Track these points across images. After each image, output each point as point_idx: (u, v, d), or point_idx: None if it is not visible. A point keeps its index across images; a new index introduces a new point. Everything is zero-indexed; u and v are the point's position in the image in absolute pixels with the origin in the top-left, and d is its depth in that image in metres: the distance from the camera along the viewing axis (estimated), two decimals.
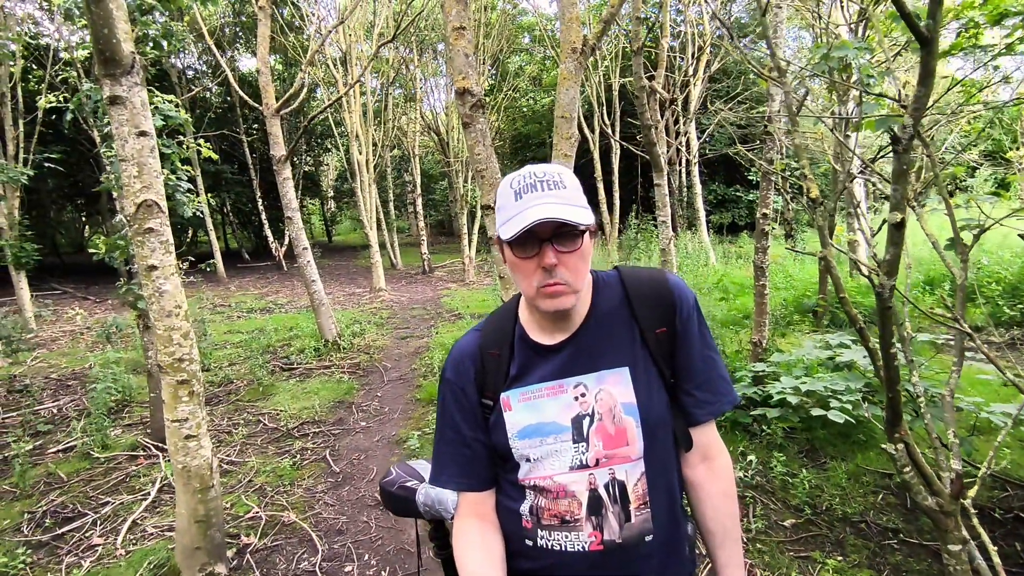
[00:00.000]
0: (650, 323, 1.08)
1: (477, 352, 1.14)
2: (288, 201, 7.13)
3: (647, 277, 1.12)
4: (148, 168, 2.59)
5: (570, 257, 1.00)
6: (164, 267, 2.64)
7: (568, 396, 1.06)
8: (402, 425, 4.83)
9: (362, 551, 3.10)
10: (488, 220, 2.90)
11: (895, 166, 1.12)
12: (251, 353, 7.10)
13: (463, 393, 1.13)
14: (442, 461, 1.15)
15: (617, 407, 1.05)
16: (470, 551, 1.09)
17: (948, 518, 1.36)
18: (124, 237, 4.36)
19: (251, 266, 18.73)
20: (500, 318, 1.17)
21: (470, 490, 1.14)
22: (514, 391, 1.09)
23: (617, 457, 1.05)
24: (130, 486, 3.91)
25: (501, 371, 1.10)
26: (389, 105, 15.26)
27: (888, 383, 1.29)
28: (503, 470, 1.14)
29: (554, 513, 1.06)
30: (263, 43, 6.82)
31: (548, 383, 1.08)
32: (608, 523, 1.04)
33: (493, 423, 1.11)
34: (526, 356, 1.11)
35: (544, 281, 1.00)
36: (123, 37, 2.50)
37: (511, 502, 1.12)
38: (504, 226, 1.01)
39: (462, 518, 1.14)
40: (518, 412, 1.08)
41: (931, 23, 1.08)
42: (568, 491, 1.05)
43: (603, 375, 1.06)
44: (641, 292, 1.10)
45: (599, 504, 1.04)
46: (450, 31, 2.79)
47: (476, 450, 1.12)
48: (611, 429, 1.05)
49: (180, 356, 2.69)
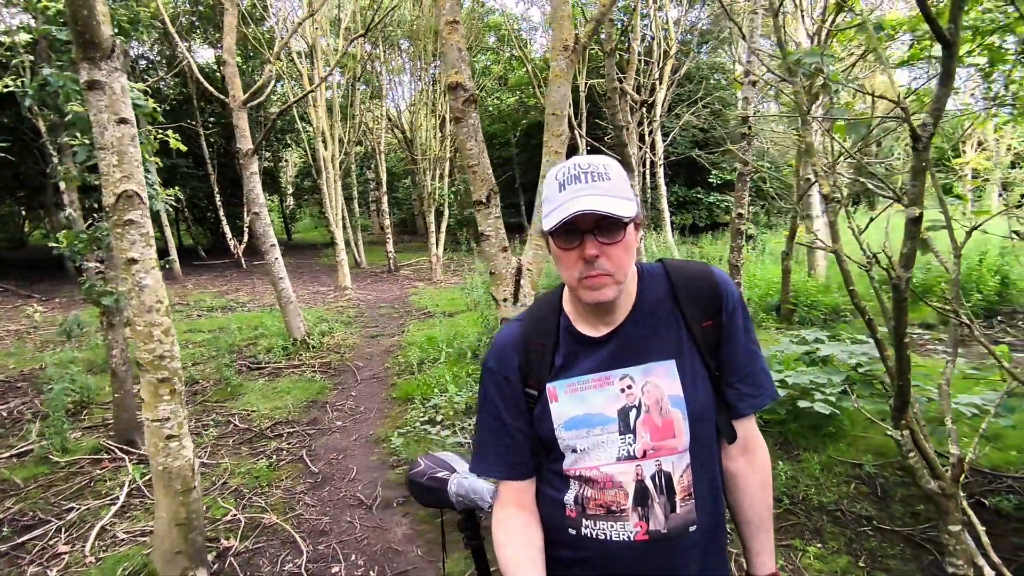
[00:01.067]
0: (696, 316, 1.08)
1: (521, 342, 1.13)
2: (255, 196, 6.94)
3: (693, 270, 1.13)
4: (128, 157, 2.48)
5: (612, 248, 1.00)
6: (145, 260, 2.54)
7: (614, 388, 1.07)
8: (379, 424, 4.77)
9: (348, 551, 3.05)
10: (480, 216, 2.89)
11: (914, 163, 1.17)
12: (216, 352, 6.88)
13: (506, 382, 1.12)
14: (484, 449, 1.15)
15: (664, 399, 1.06)
16: (511, 540, 1.09)
17: (949, 500, 1.43)
18: (93, 230, 4.17)
19: (208, 264, 18.12)
20: (544, 309, 1.17)
21: (511, 479, 1.14)
22: (560, 382, 1.09)
23: (664, 449, 1.05)
24: (96, 491, 3.73)
25: (546, 361, 1.10)
26: (356, 101, 15.01)
27: (899, 372, 1.36)
28: (547, 460, 1.14)
29: (600, 503, 1.06)
30: (229, 32, 6.62)
31: (595, 375, 1.08)
32: (654, 514, 1.04)
33: (539, 413, 1.10)
34: (571, 347, 1.11)
35: (586, 272, 1.00)
36: (102, 19, 2.39)
37: (554, 491, 1.12)
38: (547, 217, 1.01)
39: (502, 506, 1.14)
40: (564, 403, 1.08)
41: (952, 27, 1.13)
42: (615, 481, 1.05)
43: (650, 367, 1.07)
44: (687, 285, 1.10)
45: (645, 495, 1.05)
46: (443, 24, 2.77)
47: (518, 439, 1.12)
48: (658, 421, 1.06)
49: (161, 353, 2.59)
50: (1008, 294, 6.84)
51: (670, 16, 11.40)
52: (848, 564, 2.73)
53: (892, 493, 3.22)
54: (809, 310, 6.63)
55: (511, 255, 2.93)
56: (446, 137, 14.68)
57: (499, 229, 2.91)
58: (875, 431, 3.87)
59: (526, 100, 20.29)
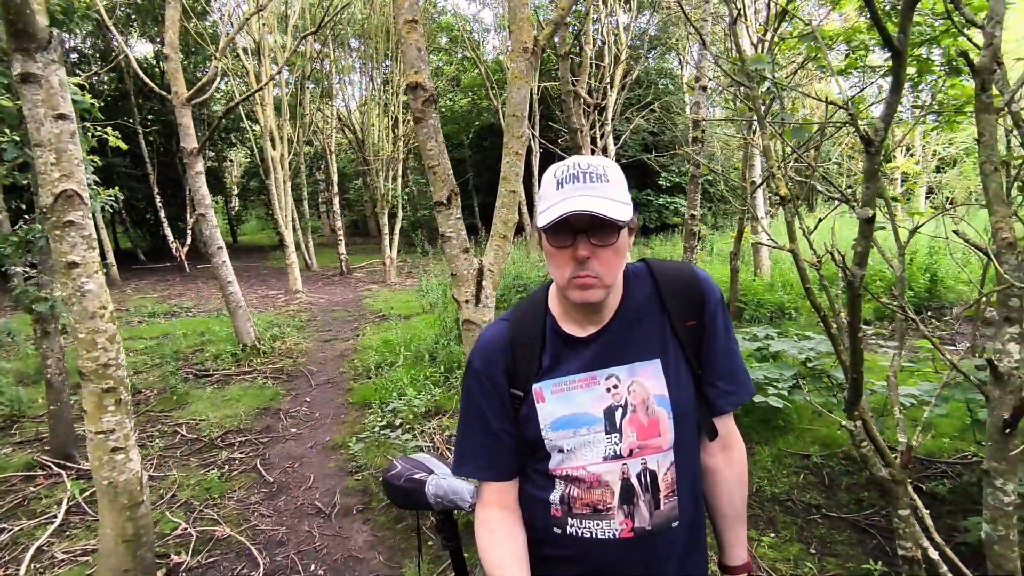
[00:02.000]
0: (680, 315, 1.10)
1: (507, 343, 1.12)
2: (201, 197, 6.68)
3: (676, 270, 1.15)
4: (68, 155, 2.35)
5: (604, 251, 1.00)
6: (87, 264, 2.41)
7: (600, 388, 1.07)
8: (335, 430, 4.66)
9: (307, 561, 2.97)
10: (441, 217, 2.87)
11: (867, 166, 1.23)
12: (160, 360, 6.59)
13: (492, 383, 1.11)
14: (466, 451, 1.14)
15: (650, 399, 1.07)
16: (494, 541, 1.09)
17: (899, 486, 1.51)
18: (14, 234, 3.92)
19: (148, 267, 17.30)
20: (530, 308, 1.16)
21: (495, 480, 1.13)
22: (547, 382, 1.09)
23: (650, 448, 1.07)
24: (30, 509, 3.51)
25: (533, 362, 1.10)
26: (305, 100, 14.65)
27: (853, 365, 1.42)
28: (531, 460, 1.13)
29: (587, 502, 1.07)
30: (172, 26, 6.34)
31: (581, 375, 1.08)
32: (639, 511, 1.06)
33: (525, 414, 1.10)
34: (558, 347, 1.11)
35: (576, 272, 1.00)
36: (37, 8, 2.26)
37: (539, 491, 1.12)
38: (542, 214, 1.01)
39: (485, 507, 1.13)
40: (551, 403, 1.08)
41: (902, 36, 1.19)
42: (602, 481, 1.06)
43: (635, 367, 1.08)
44: (671, 285, 1.12)
45: (631, 493, 1.06)
46: (402, 23, 2.74)
47: (502, 440, 1.12)
48: (644, 420, 1.07)
49: (105, 361, 2.46)
50: (936, 291, 7.27)
51: (620, 21, 11.61)
52: (800, 551, 2.84)
53: (838, 482, 3.37)
54: (757, 308, 6.87)
55: (472, 256, 2.92)
56: (399, 138, 14.49)
57: (460, 231, 2.89)
58: (821, 423, 4.05)
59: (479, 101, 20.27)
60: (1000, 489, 1.44)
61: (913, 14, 1.21)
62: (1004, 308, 1.42)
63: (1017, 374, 1.38)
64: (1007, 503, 1.44)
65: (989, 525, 1.47)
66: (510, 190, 3.02)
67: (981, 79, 1.52)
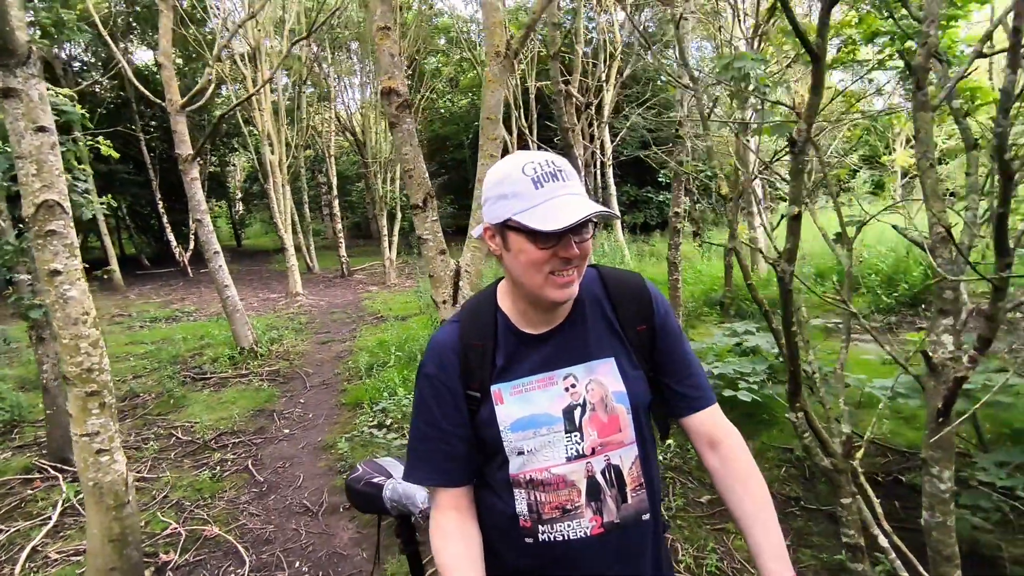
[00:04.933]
0: (630, 320, 1.12)
1: (459, 343, 1.11)
2: (196, 203, 6.77)
3: (625, 276, 1.17)
4: (48, 166, 2.42)
5: (584, 247, 1.02)
6: (69, 271, 2.48)
7: (558, 387, 1.08)
8: (327, 431, 4.73)
9: (292, 559, 3.03)
10: (418, 220, 2.92)
11: (792, 166, 1.28)
12: (159, 364, 6.68)
13: (445, 387, 1.10)
14: (418, 457, 1.13)
15: (608, 396, 1.08)
16: (448, 545, 1.07)
17: (840, 475, 1.56)
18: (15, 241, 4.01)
19: (152, 273, 17.47)
20: (478, 308, 1.15)
21: (448, 486, 1.11)
22: (505, 384, 1.09)
23: (611, 444, 1.08)
24: (27, 512, 3.60)
25: (486, 362, 1.09)
26: (303, 104, 14.75)
27: (790, 358, 1.47)
28: (490, 468, 1.12)
29: (555, 505, 1.07)
30: (165, 35, 6.44)
31: (538, 375, 1.09)
32: (607, 506, 1.07)
33: (484, 417, 1.09)
34: (512, 346, 1.11)
35: (560, 269, 1.01)
36: (18, 25, 2.32)
37: (504, 505, 1.10)
38: (526, 213, 0.97)
39: (440, 511, 1.11)
40: (510, 405, 1.08)
41: (820, 41, 1.24)
42: (567, 481, 1.06)
43: (592, 366, 1.09)
44: (620, 289, 1.14)
45: (597, 490, 1.07)
46: (375, 31, 2.79)
47: (455, 445, 1.10)
48: (604, 418, 1.08)
49: (89, 366, 2.53)
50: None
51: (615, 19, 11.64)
52: None
53: (818, 474, 3.40)
54: (749, 304, 6.90)
55: (448, 257, 2.98)
56: None
57: (436, 233, 2.95)
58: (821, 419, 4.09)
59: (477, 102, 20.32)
60: (936, 477, 1.48)
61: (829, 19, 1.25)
62: (939, 300, 1.46)
63: (951, 365, 1.42)
64: (943, 490, 1.48)
65: (928, 512, 1.51)
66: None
67: (916, 77, 1.56)
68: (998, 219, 1.27)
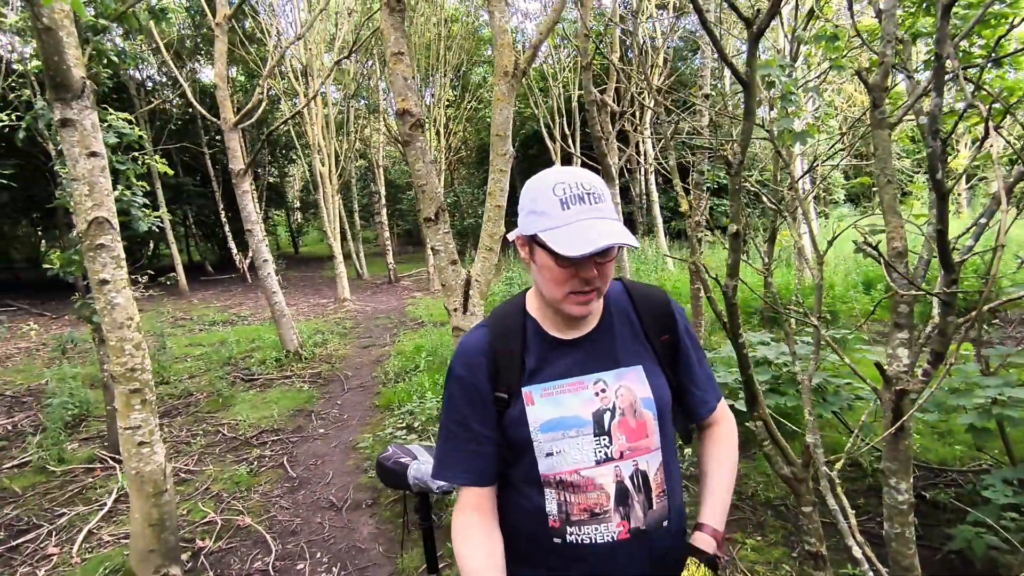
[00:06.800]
0: (655, 330, 1.18)
1: (489, 347, 1.15)
2: (247, 214, 7.21)
3: (648, 290, 1.23)
4: (99, 187, 2.71)
5: (606, 267, 1.06)
6: (116, 281, 2.76)
7: (589, 392, 1.11)
8: (360, 431, 4.97)
9: (315, 550, 3.24)
10: (430, 232, 3.09)
11: (730, 186, 1.35)
12: (211, 365, 7.13)
13: (475, 389, 1.13)
14: (447, 456, 1.16)
15: (637, 402, 1.12)
16: (470, 545, 1.10)
17: (800, 484, 1.59)
18: (79, 252, 4.42)
19: (215, 279, 18.53)
20: (508, 313, 1.20)
21: (475, 485, 1.14)
22: (535, 386, 1.12)
23: (639, 449, 1.11)
24: (86, 497, 3.97)
25: (515, 365, 1.13)
26: (351, 117, 15.34)
27: (741, 368, 1.52)
28: (518, 469, 1.14)
29: (584, 507, 1.09)
30: (220, 58, 6.90)
31: (569, 379, 1.12)
32: (634, 512, 1.09)
33: (514, 417, 1.11)
34: (543, 350, 1.14)
35: (579, 288, 1.05)
36: (73, 63, 2.63)
37: (533, 504, 1.12)
38: (550, 232, 1.01)
39: (463, 512, 1.14)
40: (540, 407, 1.11)
41: (749, 70, 1.32)
42: (596, 484, 1.09)
43: (622, 372, 1.13)
44: (645, 302, 1.20)
45: (626, 495, 1.09)
46: (389, 56, 2.98)
47: (483, 445, 1.13)
48: (632, 423, 1.11)
49: (132, 366, 2.80)
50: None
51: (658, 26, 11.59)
52: (782, 555, 2.87)
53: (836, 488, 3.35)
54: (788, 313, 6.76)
55: (460, 267, 3.13)
56: (442, 150, 14.96)
57: (448, 244, 3.10)
58: (828, 429, 4.01)
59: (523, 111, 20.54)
60: (895, 488, 1.49)
61: (757, 49, 1.33)
62: (895, 314, 1.48)
63: (905, 377, 1.44)
64: (901, 501, 1.49)
65: (888, 523, 1.52)
66: (496, 205, 3.22)
67: (873, 96, 1.60)
68: (938, 236, 1.31)
